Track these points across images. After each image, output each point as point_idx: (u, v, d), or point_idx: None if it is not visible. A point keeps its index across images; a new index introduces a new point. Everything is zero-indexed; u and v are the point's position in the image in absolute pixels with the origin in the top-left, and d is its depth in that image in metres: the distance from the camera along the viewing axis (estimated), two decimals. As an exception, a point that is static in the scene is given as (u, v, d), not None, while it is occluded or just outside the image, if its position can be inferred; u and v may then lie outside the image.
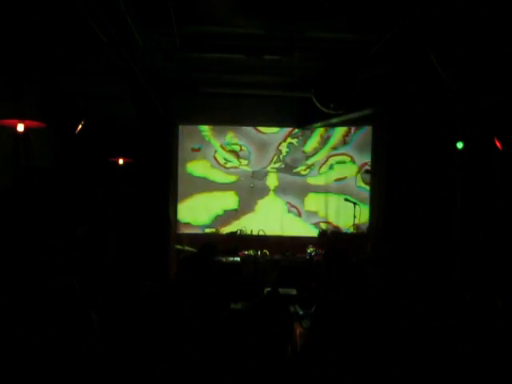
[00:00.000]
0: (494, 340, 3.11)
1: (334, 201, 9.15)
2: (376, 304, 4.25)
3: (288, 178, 9.27)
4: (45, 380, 2.80)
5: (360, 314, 3.47)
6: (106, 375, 2.93)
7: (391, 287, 6.41)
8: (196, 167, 9.22)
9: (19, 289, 4.42)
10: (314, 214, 9.24)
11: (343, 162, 9.24)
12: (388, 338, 3.42)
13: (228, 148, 9.23)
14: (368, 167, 8.79)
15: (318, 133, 9.23)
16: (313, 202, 9.26)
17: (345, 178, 9.19)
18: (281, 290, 5.89)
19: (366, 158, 8.99)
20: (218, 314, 4.17)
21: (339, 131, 9.21)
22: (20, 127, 4.69)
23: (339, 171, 9.22)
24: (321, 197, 9.23)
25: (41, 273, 4.85)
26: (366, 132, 9.08)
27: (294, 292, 5.88)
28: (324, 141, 9.26)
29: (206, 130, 9.24)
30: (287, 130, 9.25)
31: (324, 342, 3.01)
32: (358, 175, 9.13)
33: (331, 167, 9.24)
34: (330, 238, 8.52)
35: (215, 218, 9.20)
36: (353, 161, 9.21)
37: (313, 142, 9.26)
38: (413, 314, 3.87)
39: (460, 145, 6.88)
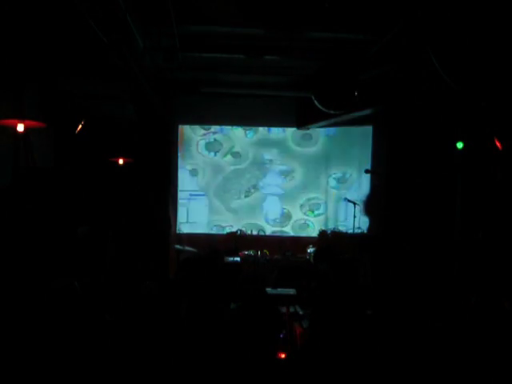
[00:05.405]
0: (501, 342, 3.11)
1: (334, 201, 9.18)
2: (374, 304, 4.25)
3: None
4: (46, 380, 2.80)
5: (357, 314, 3.48)
6: (106, 372, 2.93)
7: (390, 287, 6.41)
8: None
9: (20, 290, 4.41)
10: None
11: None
12: (387, 337, 3.42)
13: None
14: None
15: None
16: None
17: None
18: (281, 290, 5.90)
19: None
20: (215, 314, 4.17)
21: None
22: (20, 127, 4.69)
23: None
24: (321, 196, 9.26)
25: (42, 273, 4.85)
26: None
27: (293, 292, 5.87)
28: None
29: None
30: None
31: (323, 342, 3.01)
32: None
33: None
34: (330, 238, 8.52)
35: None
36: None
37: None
38: (412, 314, 3.86)
39: (460, 145, 6.88)
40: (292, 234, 9.21)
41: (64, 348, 2.94)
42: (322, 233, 8.68)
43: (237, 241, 8.46)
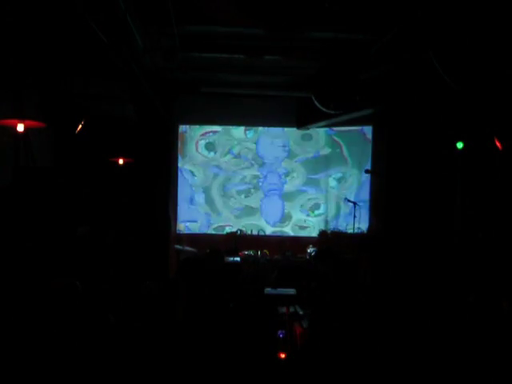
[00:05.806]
0: (498, 342, 3.11)
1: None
2: (372, 303, 4.25)
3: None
4: (47, 380, 2.81)
5: (355, 313, 3.48)
6: (107, 371, 2.93)
7: (390, 287, 6.41)
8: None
9: (20, 289, 4.41)
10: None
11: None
12: (387, 337, 3.42)
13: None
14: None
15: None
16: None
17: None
18: (281, 290, 5.91)
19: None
20: (215, 314, 4.18)
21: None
22: (20, 127, 4.69)
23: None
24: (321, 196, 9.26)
25: (42, 273, 4.85)
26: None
27: (293, 292, 5.88)
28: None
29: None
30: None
31: (323, 342, 3.02)
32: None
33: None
34: (330, 238, 8.52)
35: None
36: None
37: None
38: (411, 314, 3.87)
39: (460, 145, 6.88)
40: (292, 234, 9.22)
41: (65, 347, 2.94)
42: (322, 233, 8.68)
43: (237, 241, 8.46)
